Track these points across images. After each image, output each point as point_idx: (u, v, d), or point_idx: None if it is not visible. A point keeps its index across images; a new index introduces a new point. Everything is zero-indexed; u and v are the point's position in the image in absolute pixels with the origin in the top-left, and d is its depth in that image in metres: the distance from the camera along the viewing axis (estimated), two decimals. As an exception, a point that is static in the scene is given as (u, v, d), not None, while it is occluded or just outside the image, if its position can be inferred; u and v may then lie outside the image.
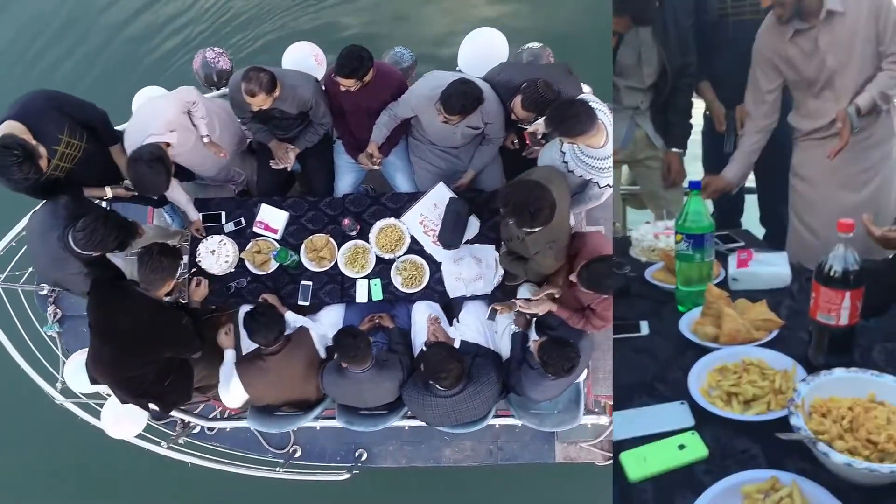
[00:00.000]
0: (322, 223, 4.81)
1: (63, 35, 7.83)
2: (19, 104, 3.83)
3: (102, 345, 4.00)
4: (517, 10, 7.40)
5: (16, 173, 3.56)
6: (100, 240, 3.75)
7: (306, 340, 4.29)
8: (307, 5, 7.56)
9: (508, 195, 3.68)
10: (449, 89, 4.03)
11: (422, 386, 4.06)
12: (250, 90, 4.13)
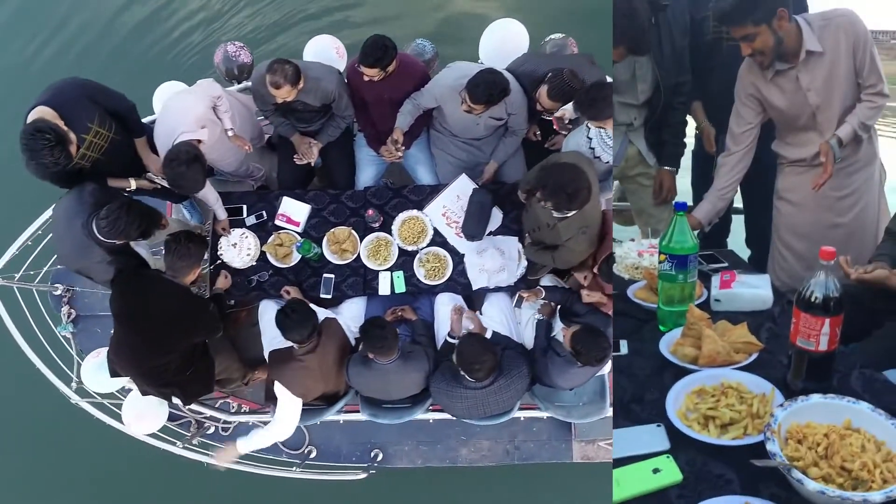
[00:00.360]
0: (344, 216, 4.81)
1: (67, 28, 7.87)
2: (52, 90, 3.82)
3: (129, 333, 3.98)
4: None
5: (46, 157, 3.55)
6: (123, 227, 3.74)
7: (337, 330, 4.27)
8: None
9: (544, 178, 3.68)
10: (476, 78, 4.04)
11: (451, 378, 4.02)
12: (275, 82, 4.12)
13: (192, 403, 4.66)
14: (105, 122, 3.99)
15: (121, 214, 3.72)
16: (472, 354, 3.79)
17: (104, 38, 7.74)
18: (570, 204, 3.63)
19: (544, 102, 4.21)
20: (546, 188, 3.65)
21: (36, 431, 6.97)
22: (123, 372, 4.16)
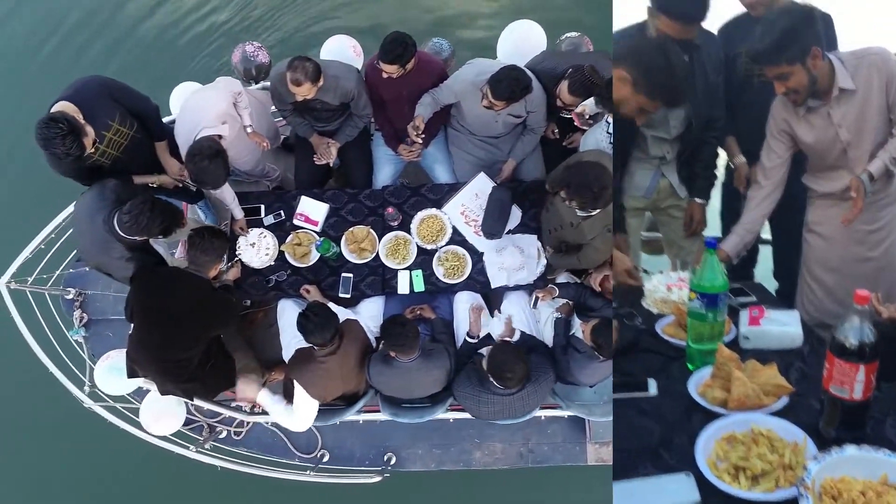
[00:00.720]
0: (362, 215, 4.80)
1: (83, 28, 7.90)
2: (75, 87, 3.84)
3: (152, 328, 3.96)
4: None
5: (58, 146, 3.54)
6: (145, 224, 3.74)
7: (359, 333, 4.25)
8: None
9: (569, 177, 3.68)
10: (499, 75, 4.05)
11: (477, 382, 4.00)
12: (296, 79, 4.12)
13: (214, 398, 4.62)
14: (126, 120, 4.01)
15: (143, 210, 3.72)
16: (505, 363, 3.76)
17: (119, 43, 7.81)
18: (595, 202, 3.64)
19: (565, 98, 4.22)
20: (571, 187, 3.66)
21: (46, 433, 6.95)
22: (144, 370, 4.12)
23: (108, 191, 3.91)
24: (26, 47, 7.93)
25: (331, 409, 4.48)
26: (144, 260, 4.10)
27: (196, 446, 5.07)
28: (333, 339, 3.99)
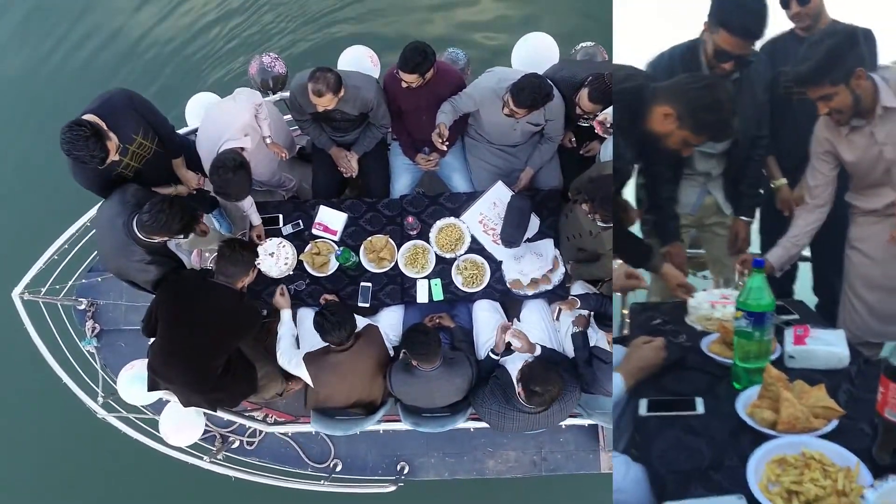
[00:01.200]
0: (380, 224, 4.82)
1: (92, 38, 7.93)
2: (101, 100, 3.87)
3: (180, 336, 3.95)
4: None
5: (82, 149, 3.55)
6: (164, 221, 3.73)
7: (376, 337, 4.25)
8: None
9: (592, 190, 3.69)
10: (521, 83, 4.07)
11: (502, 398, 3.98)
12: (318, 90, 4.15)
13: (238, 403, 4.66)
14: (149, 134, 4.05)
15: (163, 208, 3.73)
16: (540, 382, 3.69)
17: (131, 55, 7.83)
18: None
19: (585, 105, 4.25)
20: (595, 200, 3.67)
21: (59, 442, 6.96)
22: (168, 382, 4.10)
23: (129, 195, 3.92)
24: (34, 57, 7.95)
25: (351, 419, 4.47)
26: (164, 263, 4.10)
27: (209, 456, 5.05)
28: (349, 339, 4.04)
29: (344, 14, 7.59)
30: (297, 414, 5.25)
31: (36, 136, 7.43)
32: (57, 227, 5.18)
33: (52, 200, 6.34)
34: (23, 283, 5.14)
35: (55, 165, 6.38)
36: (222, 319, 3.97)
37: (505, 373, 4.06)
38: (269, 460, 5.55)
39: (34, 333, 5.11)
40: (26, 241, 5.63)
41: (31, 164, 7.42)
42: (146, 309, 4.17)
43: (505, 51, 5.34)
